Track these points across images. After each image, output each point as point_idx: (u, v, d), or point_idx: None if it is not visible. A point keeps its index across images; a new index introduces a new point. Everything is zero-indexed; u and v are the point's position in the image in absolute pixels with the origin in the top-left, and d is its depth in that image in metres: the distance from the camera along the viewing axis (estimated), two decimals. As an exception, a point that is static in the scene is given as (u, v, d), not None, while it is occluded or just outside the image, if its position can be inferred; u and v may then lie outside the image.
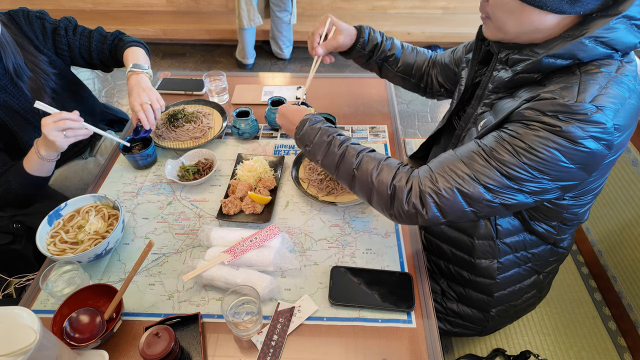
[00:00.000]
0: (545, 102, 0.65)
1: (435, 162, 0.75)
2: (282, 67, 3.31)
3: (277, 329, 0.81)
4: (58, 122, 0.99)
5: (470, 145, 0.73)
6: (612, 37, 0.63)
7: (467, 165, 0.70)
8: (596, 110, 0.61)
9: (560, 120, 0.63)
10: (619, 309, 1.16)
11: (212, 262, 0.88)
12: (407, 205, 0.73)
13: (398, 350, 0.79)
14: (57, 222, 0.96)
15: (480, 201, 0.70)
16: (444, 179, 0.71)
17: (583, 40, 0.64)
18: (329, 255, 0.95)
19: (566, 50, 0.65)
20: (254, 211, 1.03)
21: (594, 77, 0.64)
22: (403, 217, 0.75)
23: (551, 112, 0.64)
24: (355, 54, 1.14)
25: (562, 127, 0.62)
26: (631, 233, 1.12)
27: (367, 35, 1.11)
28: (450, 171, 0.71)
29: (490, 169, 0.68)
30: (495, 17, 0.72)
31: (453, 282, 1.01)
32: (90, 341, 0.76)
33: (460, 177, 0.70)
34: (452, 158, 0.73)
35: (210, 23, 3.43)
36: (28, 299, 0.89)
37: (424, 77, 1.18)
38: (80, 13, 3.52)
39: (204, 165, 1.17)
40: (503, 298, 0.97)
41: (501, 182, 0.68)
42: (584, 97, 0.62)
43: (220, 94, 1.44)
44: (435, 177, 0.72)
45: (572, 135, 0.62)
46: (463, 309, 1.01)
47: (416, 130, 2.71)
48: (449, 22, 3.36)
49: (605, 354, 1.09)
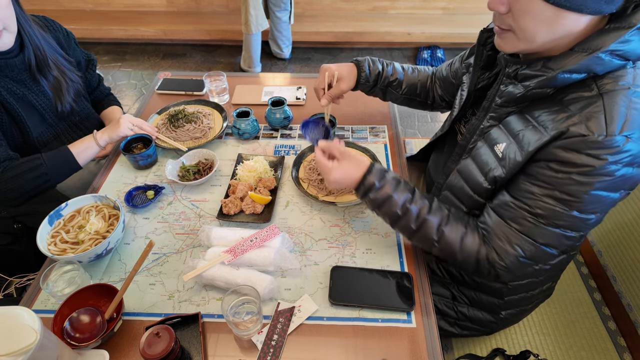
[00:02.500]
0: (575, 140, 0.65)
1: (491, 235, 0.79)
2: (282, 68, 3.31)
3: (277, 328, 0.81)
4: (135, 120, 1.18)
5: (512, 209, 0.76)
6: (628, 49, 0.63)
7: (521, 232, 0.75)
8: (626, 141, 0.62)
9: (594, 159, 0.64)
10: (618, 308, 1.16)
11: (212, 262, 0.88)
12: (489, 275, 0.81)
13: (398, 350, 0.79)
14: (58, 222, 0.97)
15: (545, 257, 0.76)
16: (507, 255, 0.77)
17: (599, 54, 0.63)
18: (329, 255, 0.96)
19: (582, 66, 0.65)
20: (254, 211, 1.04)
21: (616, 98, 0.64)
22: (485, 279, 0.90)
23: (584, 151, 0.64)
24: (360, 87, 1.17)
25: (597, 166, 0.64)
26: (631, 233, 1.12)
27: (367, 67, 1.13)
28: (509, 244, 0.76)
29: (543, 228, 0.72)
30: (521, 28, 0.67)
31: (464, 286, 1.01)
32: (90, 341, 0.76)
33: (520, 247, 0.76)
34: (502, 227, 0.77)
35: (211, 23, 3.42)
36: (29, 299, 0.89)
37: (429, 94, 1.19)
38: (81, 13, 3.52)
39: (204, 165, 1.17)
40: (514, 302, 0.97)
41: (558, 234, 0.72)
42: (613, 129, 0.62)
43: (220, 94, 1.44)
44: (500, 255, 0.78)
45: (607, 171, 0.64)
46: (474, 313, 1.01)
47: (416, 130, 2.71)
48: (449, 22, 3.36)
49: (604, 354, 1.09)
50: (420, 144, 1.54)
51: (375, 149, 1.23)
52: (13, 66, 1.10)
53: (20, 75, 1.13)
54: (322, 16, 3.43)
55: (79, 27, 3.36)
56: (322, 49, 3.47)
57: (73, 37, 1.32)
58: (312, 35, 3.31)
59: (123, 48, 3.55)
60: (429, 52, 3.32)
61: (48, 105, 1.21)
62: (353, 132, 1.31)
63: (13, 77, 1.12)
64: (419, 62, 3.28)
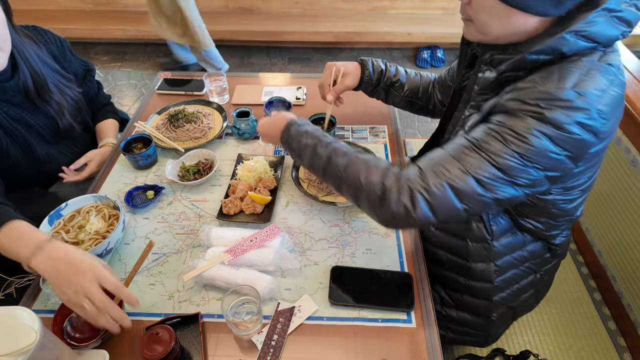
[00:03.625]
0: (526, 90, 0.66)
1: (425, 160, 0.72)
2: (282, 68, 3.31)
3: (277, 328, 0.81)
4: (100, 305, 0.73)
5: (459, 140, 0.71)
6: (593, 30, 0.63)
7: (457, 159, 0.68)
8: (578, 96, 0.62)
9: (542, 108, 0.63)
10: (618, 309, 1.16)
11: (212, 262, 0.88)
12: (396, 205, 0.69)
13: (398, 350, 0.79)
14: (58, 222, 0.97)
15: (473, 196, 0.67)
16: (434, 175, 0.68)
17: (564, 35, 0.64)
18: (329, 255, 0.96)
19: (548, 47, 0.66)
20: (254, 211, 1.04)
21: (575, 65, 0.65)
22: (392, 218, 0.71)
23: (533, 99, 0.64)
24: (364, 85, 1.17)
25: (546, 113, 0.62)
26: (631, 233, 1.12)
27: (371, 66, 1.14)
28: (440, 166, 0.69)
29: (480, 160, 0.66)
30: (478, 19, 0.71)
31: (450, 289, 1.01)
32: (90, 341, 0.76)
33: (450, 172, 0.67)
34: (441, 154, 0.71)
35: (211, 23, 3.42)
36: (28, 299, 0.89)
37: (430, 99, 1.19)
38: (81, 13, 3.52)
39: (204, 165, 1.17)
40: (501, 301, 0.96)
41: (492, 173, 0.66)
42: (565, 83, 0.63)
43: (220, 94, 1.44)
44: (425, 174, 0.69)
45: (557, 121, 0.62)
46: (462, 316, 1.00)
47: (416, 130, 2.71)
48: (449, 22, 3.36)
49: (605, 354, 1.09)
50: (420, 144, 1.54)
51: (375, 149, 1.23)
52: (7, 89, 1.05)
53: (15, 98, 1.08)
54: (321, 16, 3.43)
55: (79, 27, 3.36)
56: (322, 49, 3.47)
57: (67, 46, 1.26)
58: (312, 35, 3.30)
59: (123, 48, 3.55)
60: (429, 52, 3.32)
61: (47, 124, 1.16)
62: (353, 132, 1.31)
63: (8, 101, 1.07)
64: (419, 62, 3.28)
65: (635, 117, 1.06)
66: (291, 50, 3.43)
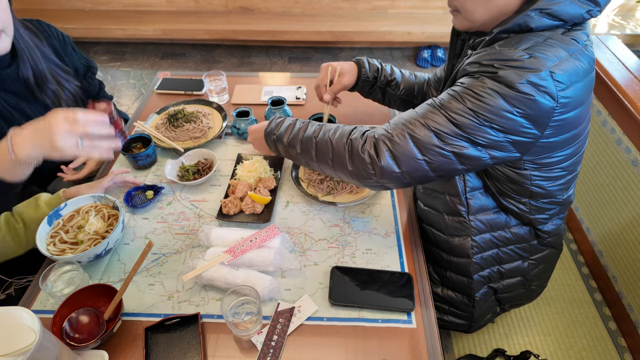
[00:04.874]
0: (482, 54, 0.72)
1: (394, 119, 0.80)
2: (282, 67, 3.31)
3: (277, 329, 0.81)
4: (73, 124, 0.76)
5: (426, 101, 0.78)
6: (557, 8, 0.68)
7: (421, 116, 0.75)
8: (529, 57, 0.66)
9: (495, 68, 0.68)
10: (619, 309, 1.16)
11: (212, 262, 0.88)
12: (362, 153, 0.78)
13: (398, 350, 0.79)
14: (57, 222, 0.96)
15: (432, 147, 0.73)
16: (397, 128, 0.76)
17: (529, 12, 0.69)
18: (329, 255, 0.95)
19: (515, 23, 0.71)
20: (254, 211, 1.03)
21: (533, 36, 0.70)
22: (361, 169, 0.78)
23: (486, 60, 0.70)
24: (361, 85, 1.18)
25: (499, 72, 0.67)
26: (631, 233, 1.12)
27: (367, 64, 1.16)
28: (404, 121, 0.77)
29: (439, 115, 0.73)
30: (464, 8, 0.78)
31: (436, 265, 1.03)
32: (90, 341, 0.76)
33: (412, 124, 0.75)
34: (409, 113, 0.79)
35: (210, 23, 3.42)
36: (28, 299, 0.89)
37: (426, 98, 1.20)
38: (80, 13, 3.52)
39: (203, 165, 1.17)
40: (482, 280, 0.96)
41: (449, 128, 0.71)
42: (518, 46, 0.69)
43: (220, 94, 1.44)
44: (390, 127, 0.78)
45: (508, 79, 0.66)
46: (447, 293, 1.02)
47: (416, 130, 2.71)
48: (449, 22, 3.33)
49: (605, 354, 1.08)
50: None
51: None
52: (5, 77, 1.06)
53: (13, 86, 1.09)
54: (321, 15, 3.43)
55: (78, 26, 3.36)
56: (321, 49, 3.47)
57: (70, 42, 1.27)
58: (312, 34, 3.30)
59: (122, 48, 3.55)
60: (429, 51, 3.32)
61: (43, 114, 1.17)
62: (353, 131, 1.30)
63: (5, 89, 1.08)
64: (420, 62, 3.28)
65: (635, 117, 1.06)
66: (291, 49, 3.43)
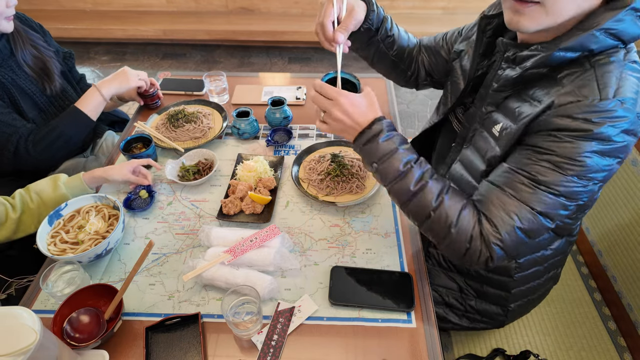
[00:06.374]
0: (570, 106, 0.65)
1: (489, 204, 0.73)
2: (283, 68, 3.31)
3: (277, 328, 0.81)
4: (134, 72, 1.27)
5: (508, 175, 0.72)
6: (621, 28, 0.64)
7: (522, 201, 0.70)
8: (621, 105, 0.63)
9: (591, 123, 0.63)
10: (618, 309, 1.16)
11: (212, 262, 0.88)
12: (477, 259, 0.74)
13: (398, 350, 0.79)
14: (58, 222, 0.97)
15: (540, 230, 0.71)
16: (503, 224, 0.71)
17: (594, 32, 0.64)
18: (329, 255, 0.95)
19: (577, 43, 0.66)
20: (254, 211, 1.03)
21: (607, 68, 0.65)
22: (471, 265, 0.76)
23: (580, 115, 0.64)
24: (362, 33, 0.96)
25: (594, 129, 0.63)
26: (631, 233, 1.12)
27: (376, 7, 0.94)
28: (504, 212, 0.71)
29: (543, 194, 0.68)
30: None
31: (470, 279, 1.01)
32: (90, 341, 0.76)
33: (519, 216, 0.70)
34: (498, 194, 0.72)
35: (211, 23, 3.42)
36: (28, 299, 0.89)
37: (412, 65, 1.10)
38: (80, 13, 3.52)
39: (204, 165, 1.17)
40: (521, 293, 0.97)
41: (556, 202, 0.68)
42: (607, 92, 0.63)
43: (220, 94, 1.44)
44: (495, 224, 0.71)
45: (605, 135, 0.64)
46: (482, 306, 1.01)
47: (416, 130, 2.71)
48: (449, 22, 3.35)
49: (605, 354, 1.09)
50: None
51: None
52: None
53: (7, 62, 1.17)
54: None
55: (79, 27, 3.36)
56: (321, 49, 3.46)
57: (47, 32, 1.34)
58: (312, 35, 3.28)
59: (123, 48, 3.55)
60: (429, 52, 3.32)
61: (37, 90, 1.23)
62: (353, 132, 1.30)
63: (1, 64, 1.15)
64: (419, 62, 3.27)
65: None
66: (291, 50, 3.43)
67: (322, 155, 1.17)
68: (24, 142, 1.15)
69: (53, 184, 1.01)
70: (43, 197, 0.99)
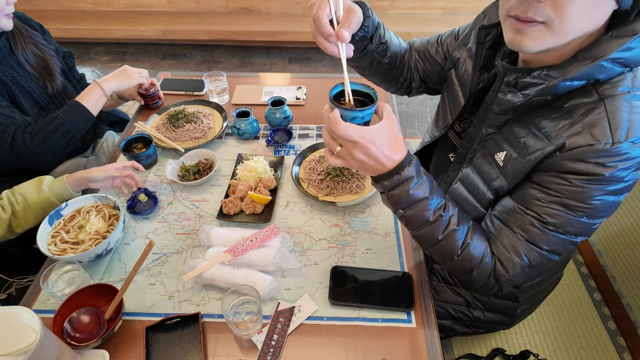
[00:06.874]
0: (583, 149, 0.64)
1: (497, 245, 0.76)
2: (283, 68, 3.31)
3: (277, 328, 0.81)
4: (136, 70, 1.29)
5: (518, 215, 0.73)
6: (629, 56, 0.62)
7: (528, 240, 0.72)
8: (633, 147, 0.62)
9: (604, 167, 0.63)
10: (618, 308, 1.16)
11: (212, 262, 0.88)
12: (490, 291, 0.80)
13: (398, 349, 0.79)
14: (58, 222, 0.97)
15: (546, 264, 0.74)
16: (513, 266, 0.74)
17: (602, 62, 0.62)
18: (329, 255, 0.96)
19: (585, 73, 0.64)
20: (254, 211, 1.04)
21: (617, 104, 0.63)
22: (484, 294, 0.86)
23: (592, 160, 0.64)
24: (360, 42, 0.90)
25: (606, 173, 0.63)
26: (630, 233, 1.12)
27: (371, 12, 0.87)
28: (515, 254, 0.73)
29: (550, 234, 0.70)
30: (564, 16, 0.59)
31: (477, 292, 1.01)
32: (90, 341, 0.76)
33: (526, 256, 0.73)
34: (509, 235, 0.74)
35: (211, 23, 3.42)
36: (29, 299, 0.89)
37: (404, 71, 1.05)
38: (81, 14, 3.52)
39: (204, 165, 1.17)
40: (527, 300, 0.99)
41: (565, 241, 0.71)
42: (619, 135, 0.62)
43: (220, 95, 1.44)
44: (506, 267, 0.75)
45: (617, 177, 0.64)
46: (489, 316, 1.01)
47: (416, 130, 2.71)
48: (448, 22, 3.36)
49: (604, 354, 1.09)
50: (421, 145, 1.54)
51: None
52: None
53: (6, 60, 1.17)
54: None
55: (79, 27, 3.36)
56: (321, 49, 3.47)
57: (48, 32, 1.35)
58: (312, 35, 3.30)
59: (123, 48, 3.55)
60: (429, 52, 3.32)
61: (38, 88, 1.24)
62: (353, 132, 1.30)
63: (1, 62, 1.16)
64: (419, 62, 3.27)
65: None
66: (291, 50, 3.43)
67: (322, 155, 1.17)
68: (20, 133, 1.12)
69: (37, 186, 0.99)
70: (27, 199, 0.97)
